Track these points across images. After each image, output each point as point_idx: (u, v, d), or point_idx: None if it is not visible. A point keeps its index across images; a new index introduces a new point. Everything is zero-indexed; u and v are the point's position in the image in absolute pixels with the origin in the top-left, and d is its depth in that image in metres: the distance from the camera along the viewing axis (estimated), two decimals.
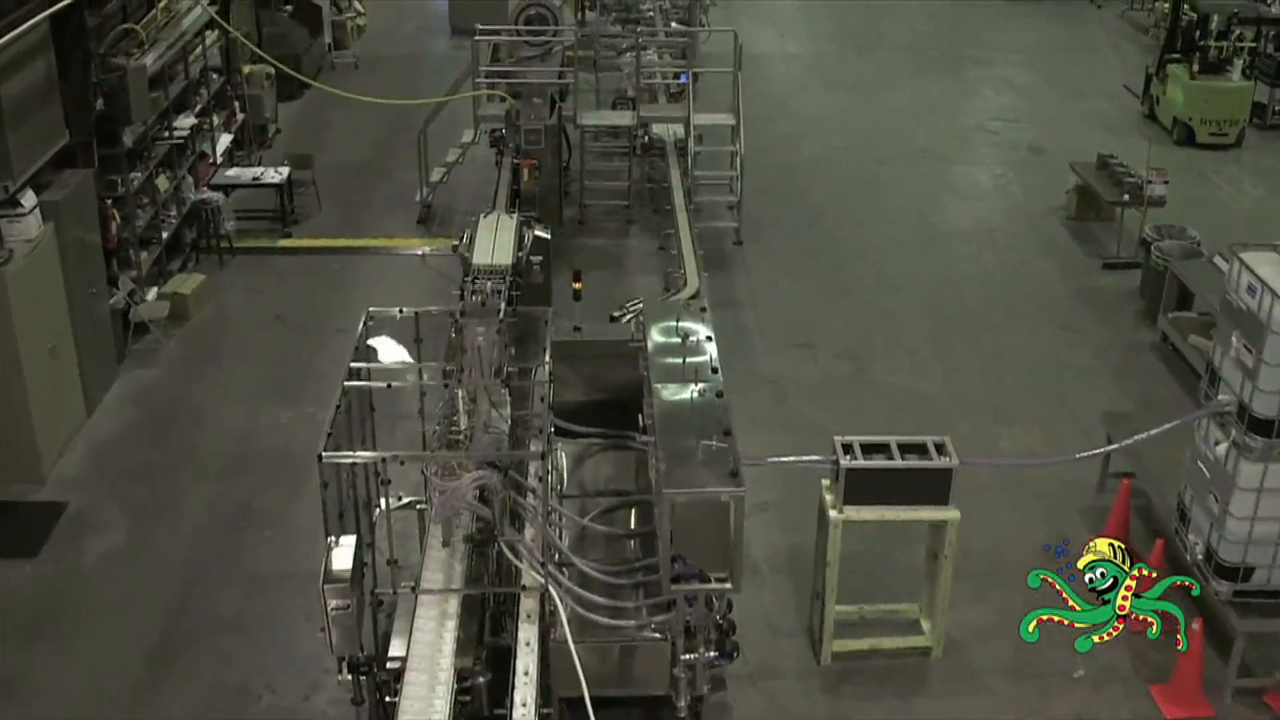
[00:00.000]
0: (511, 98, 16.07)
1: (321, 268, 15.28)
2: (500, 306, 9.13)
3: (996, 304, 14.72)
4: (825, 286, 15.01)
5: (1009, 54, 23.62)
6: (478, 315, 9.05)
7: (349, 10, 22.88)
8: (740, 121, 15.84)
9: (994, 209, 17.14)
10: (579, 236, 16.07)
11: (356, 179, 17.63)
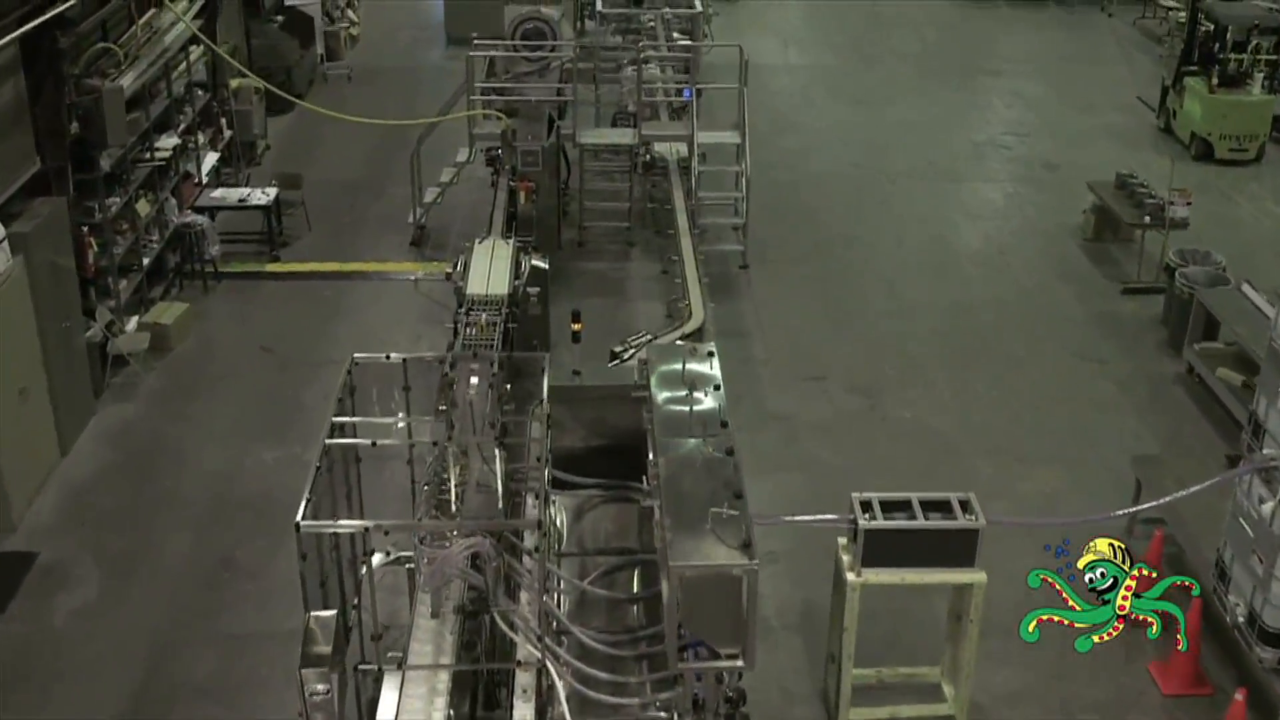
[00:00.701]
0: (508, 116, 15.51)
1: (311, 294, 14.67)
2: (493, 358, 8.52)
3: (1013, 331, 14.12)
4: (835, 313, 14.41)
5: (1019, 64, 23.01)
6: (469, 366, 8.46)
7: (342, 20, 22.28)
8: (746, 140, 15.23)
9: (1008, 229, 16.53)
10: (578, 259, 15.46)
11: (348, 197, 17.02)
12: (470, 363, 8.64)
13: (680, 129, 15.70)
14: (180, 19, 14.10)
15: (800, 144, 18.98)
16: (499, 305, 11.35)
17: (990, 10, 26.27)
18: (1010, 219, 16.85)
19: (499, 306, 11.32)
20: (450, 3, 23.09)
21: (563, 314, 13.51)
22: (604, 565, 8.83)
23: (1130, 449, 11.80)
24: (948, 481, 11.35)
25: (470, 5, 22.65)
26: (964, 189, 17.72)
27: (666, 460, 7.96)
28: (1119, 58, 23.66)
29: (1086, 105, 20.89)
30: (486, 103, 15.30)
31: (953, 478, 11.44)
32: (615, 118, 17.37)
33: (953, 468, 11.73)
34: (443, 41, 23.14)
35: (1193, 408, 12.68)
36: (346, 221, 16.32)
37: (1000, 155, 18.92)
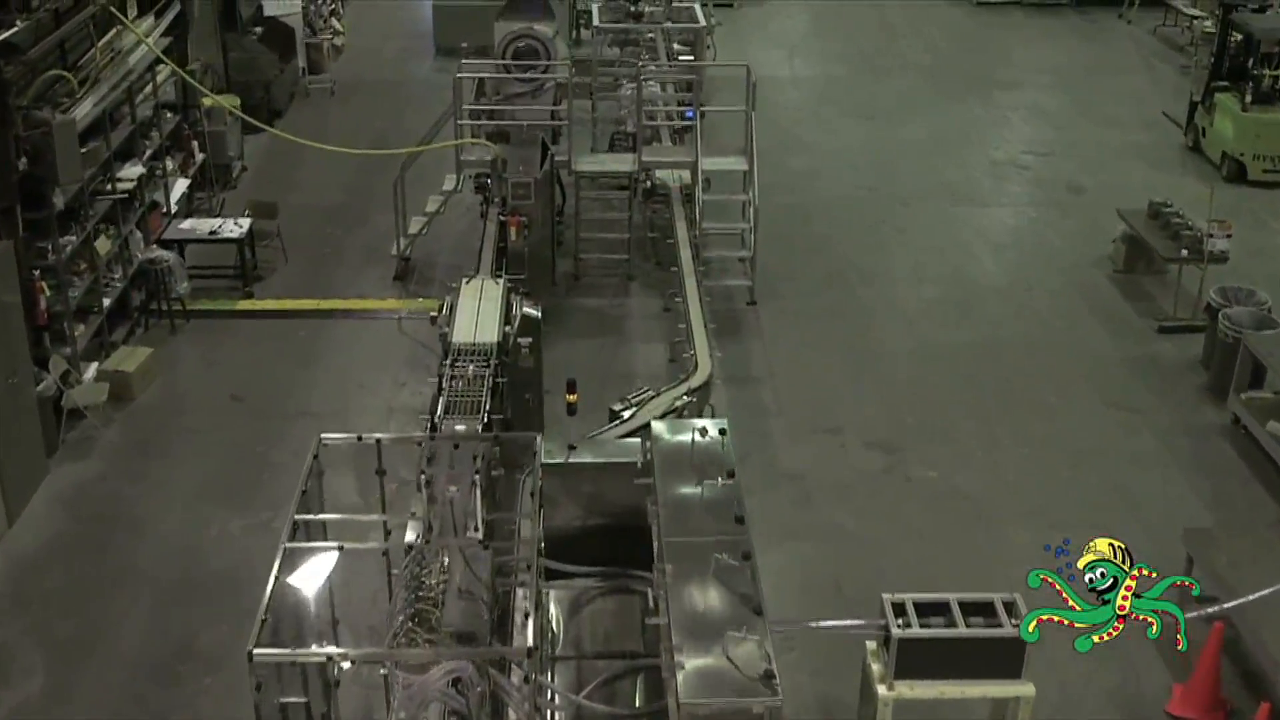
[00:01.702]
0: (500, 138, 14.60)
1: (286, 334, 13.73)
2: (477, 454, 7.59)
3: (1043, 377, 13.19)
4: (851, 355, 13.48)
5: (1036, 76, 22.08)
6: (450, 453, 7.54)
7: (326, 30, 21.31)
8: (754, 167, 14.30)
9: (1033, 260, 15.60)
10: (574, 295, 14.53)
11: (329, 225, 16.07)
12: (452, 445, 7.73)
13: (683, 154, 14.78)
14: (143, 41, 13.14)
15: (809, 165, 18.04)
16: (487, 356, 10.56)
17: (1004, 17, 25.33)
18: (1034, 248, 15.93)
19: (487, 357, 10.53)
20: (440, 12, 22.12)
21: (558, 360, 12.67)
22: (604, 673, 7.94)
23: (1175, 513, 10.92)
24: (979, 552, 10.56)
25: (460, 15, 21.76)
26: (984, 214, 16.79)
27: (675, 568, 7.05)
28: (1140, 68, 22.74)
29: (1109, 120, 19.97)
30: (475, 128, 14.41)
31: (984, 548, 10.62)
32: (613, 139, 16.44)
33: (984, 536, 10.84)
34: (432, 53, 22.17)
35: (1241, 465, 11.77)
36: (326, 253, 15.38)
37: (1021, 176, 18.00)
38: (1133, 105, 20.59)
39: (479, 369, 10.41)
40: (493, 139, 14.78)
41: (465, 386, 10.20)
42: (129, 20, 13.49)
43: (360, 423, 12.10)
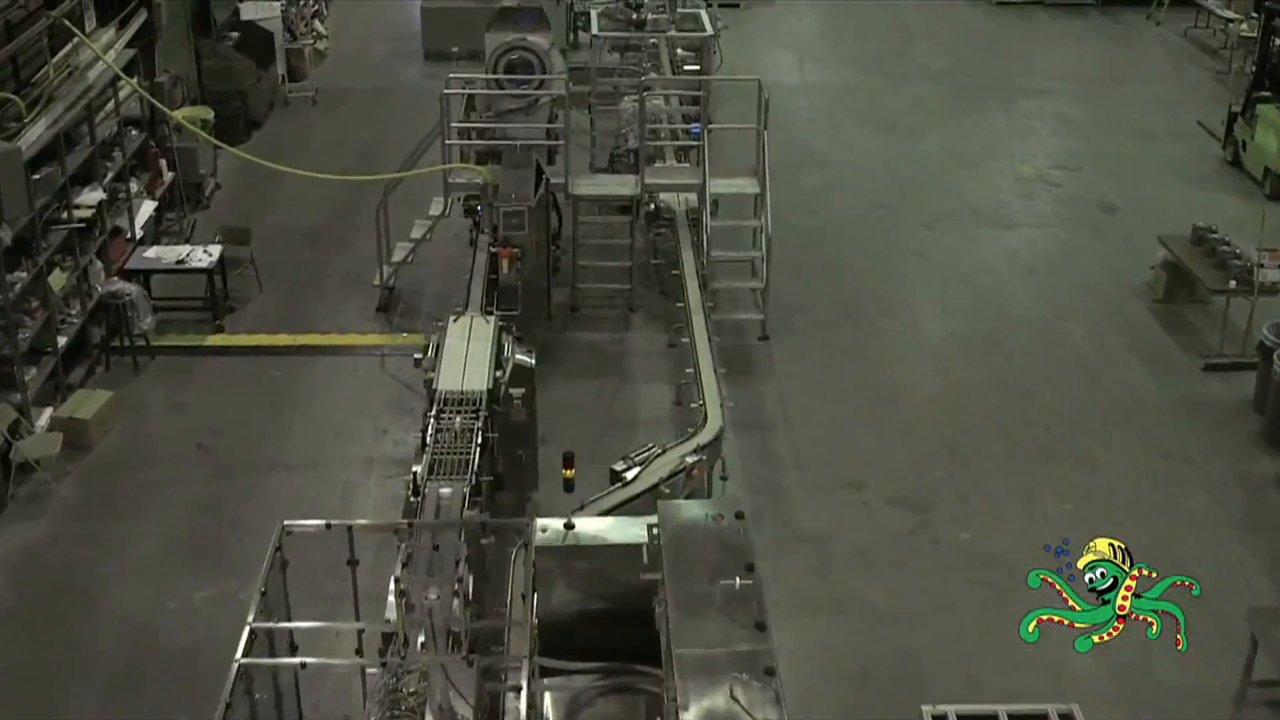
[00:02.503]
0: (491, 157, 13.83)
1: (258, 374, 12.94)
2: (459, 554, 6.82)
3: (1081, 421, 12.42)
4: (872, 398, 12.70)
5: (1062, 82, 21.28)
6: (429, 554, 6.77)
7: (307, 35, 20.52)
8: (767, 190, 13.50)
9: (1067, 288, 14.81)
10: (570, 328, 13.75)
11: (307, 249, 15.28)
12: (430, 540, 6.96)
13: (689, 176, 13.99)
14: (100, 57, 12.35)
15: (823, 181, 17.26)
16: (476, 406, 9.71)
17: (1026, 18, 24.53)
18: (1067, 274, 15.13)
19: (476, 408, 9.63)
20: (428, 15, 21.33)
21: (554, 402, 11.93)
22: None
23: (1232, 583, 10.18)
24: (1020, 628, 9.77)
25: (450, 18, 21.01)
26: (1012, 236, 16.00)
27: (686, 685, 6.27)
28: (1171, 74, 21.95)
29: (1142, 132, 19.18)
30: (464, 148, 13.65)
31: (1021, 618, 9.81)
32: (613, 156, 15.67)
33: (1024, 609, 10.02)
34: (420, 58, 21.37)
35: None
36: (304, 281, 14.58)
37: (1050, 194, 17.20)
38: (1165, 114, 19.81)
39: (467, 421, 9.77)
40: (483, 159, 14.04)
41: (452, 441, 9.59)
42: (88, 32, 12.70)
43: (337, 476, 11.42)
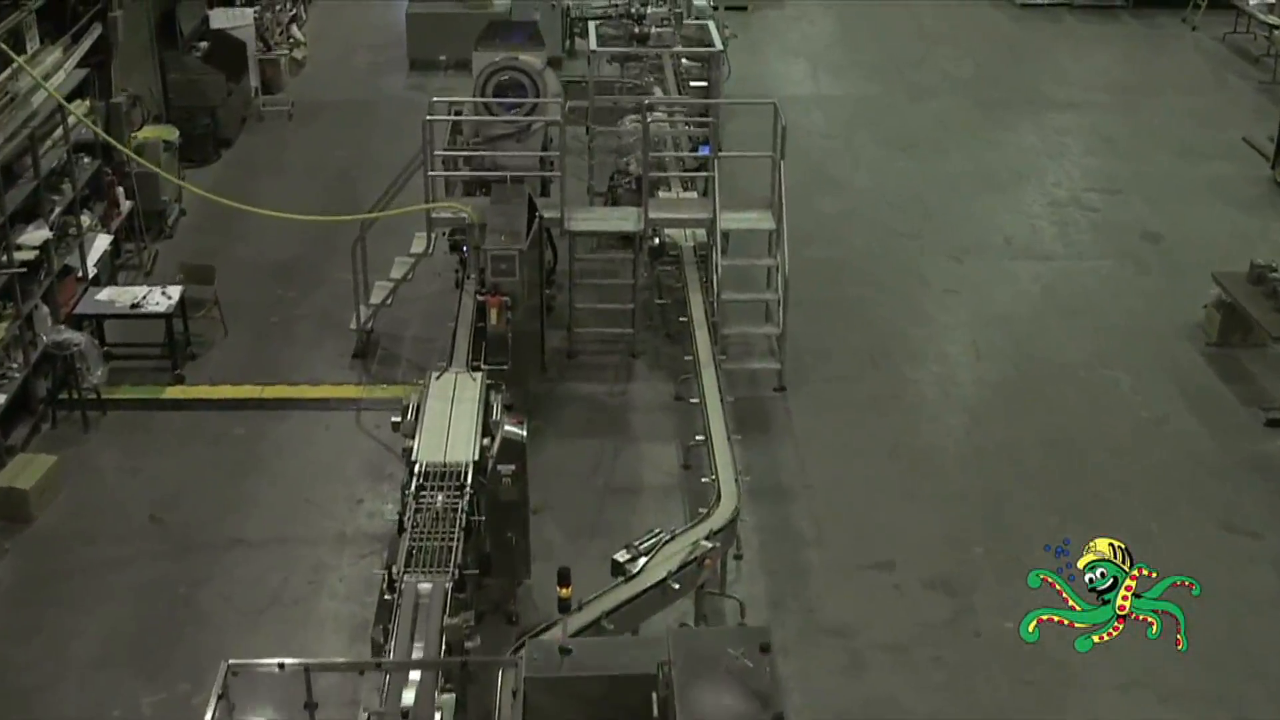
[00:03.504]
0: (479, 188, 12.95)
1: (220, 431, 12.03)
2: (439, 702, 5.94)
3: (1134, 486, 11.51)
4: (902, 460, 11.80)
5: (1094, 93, 20.37)
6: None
7: (283, 44, 19.58)
8: (784, 225, 12.58)
9: (1110, 329, 13.89)
10: (567, 378, 12.83)
11: (278, 285, 14.36)
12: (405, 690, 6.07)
13: (697, 210, 13.06)
14: (40, 84, 11.43)
15: (841, 206, 16.34)
16: (459, 482, 8.94)
17: (1053, 22, 23.61)
18: (1110, 313, 14.22)
19: (460, 483, 8.93)
20: (414, 21, 20.41)
21: (548, 464, 11.08)
22: None
23: None
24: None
25: (437, 24, 20.22)
26: (1048, 270, 15.08)
27: None
28: (1211, 84, 21.03)
29: (1183, 149, 18.28)
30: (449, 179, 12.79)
31: None
32: (613, 180, 14.74)
33: (1078, 713, 9.19)
34: (405, 67, 20.46)
35: None
36: (274, 323, 13.66)
37: (1087, 220, 16.28)
38: (1207, 129, 18.91)
39: (450, 500, 8.86)
40: (471, 190, 13.16)
41: (433, 524, 8.78)
42: (30, 54, 11.79)
43: (305, 556, 10.55)
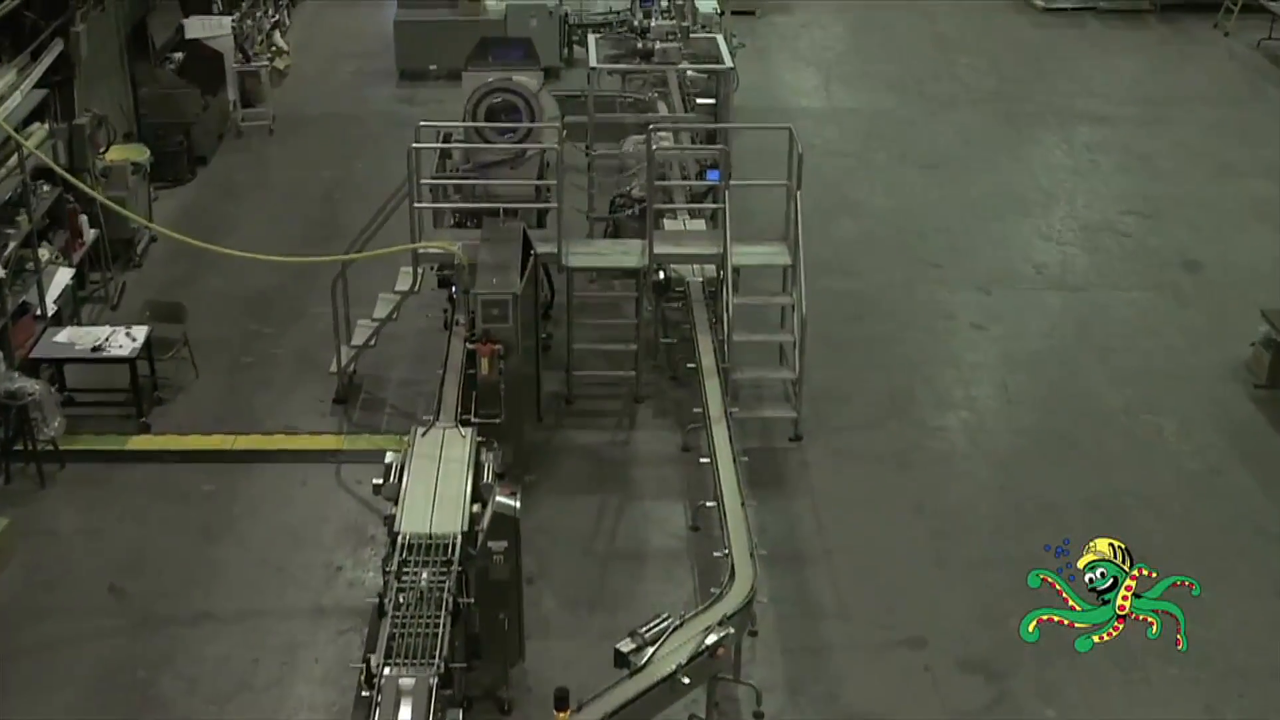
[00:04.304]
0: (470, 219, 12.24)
1: (188, 488, 11.27)
2: None
3: (1182, 552, 10.68)
4: (930, 520, 11.04)
5: (1123, 106, 19.63)
6: None
7: (264, 55, 18.82)
8: (800, 260, 11.83)
9: (1151, 369, 13.15)
10: (564, 425, 12.10)
11: (255, 319, 13.62)
12: None
13: (706, 244, 12.31)
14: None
15: (858, 231, 15.60)
16: (446, 558, 8.34)
17: (1077, 27, 22.86)
18: (1150, 351, 13.47)
19: (447, 559, 8.33)
20: (403, 29, 19.67)
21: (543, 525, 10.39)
22: None
23: None
24: None
25: (427, 32, 19.53)
26: (1082, 302, 14.33)
27: None
28: (1247, 95, 20.30)
29: (1220, 167, 17.55)
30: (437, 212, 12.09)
31: None
32: (614, 204, 14.02)
33: None
34: (393, 77, 19.72)
35: None
36: (248, 363, 12.92)
37: (1121, 247, 15.54)
38: (1245, 145, 18.19)
39: (436, 578, 8.17)
40: (461, 220, 12.43)
41: (416, 605, 7.98)
42: None
43: (278, 632, 9.84)
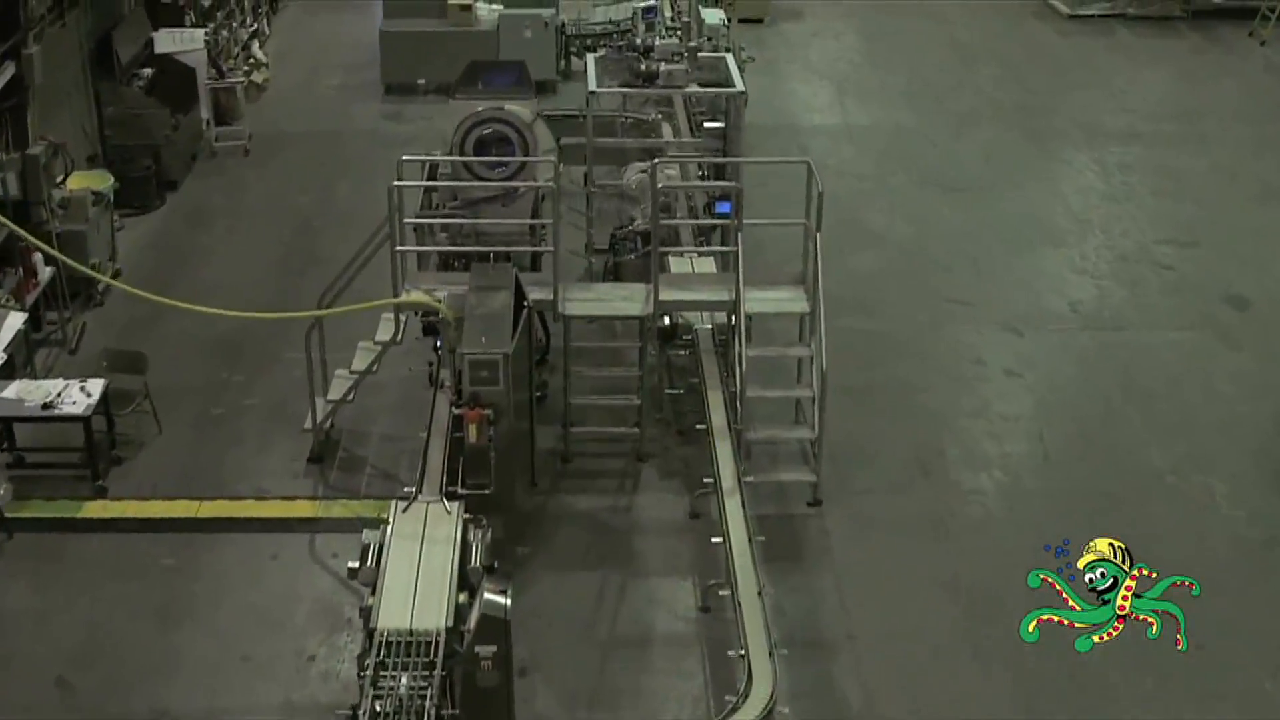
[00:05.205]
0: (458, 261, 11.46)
1: (147, 561, 10.45)
2: None
3: (1243, 637, 9.95)
4: (963, 599, 10.22)
5: (1157, 122, 18.84)
6: None
7: (239, 69, 18.01)
8: (820, 307, 10.99)
9: (1198, 421, 12.34)
10: (561, 488, 11.29)
11: (225, 364, 12.80)
12: None
13: (716, 289, 11.46)
14: None
15: (878, 264, 14.78)
16: (428, 659, 7.76)
17: (1104, 35, 22.08)
18: (1197, 401, 12.66)
19: (430, 658, 7.76)
20: (389, 40, 18.85)
21: (535, 606, 9.60)
22: None
23: None
24: None
25: (414, 44, 18.73)
26: (1122, 344, 13.52)
27: None
28: None
29: (1264, 190, 16.78)
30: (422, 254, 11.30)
31: None
32: (615, 236, 13.26)
33: None
34: (378, 92, 18.91)
35: None
36: (216, 416, 12.11)
37: (1161, 280, 14.73)
38: None
39: (417, 683, 7.57)
40: (448, 263, 11.63)
41: (396, 714, 7.40)
42: None
43: None
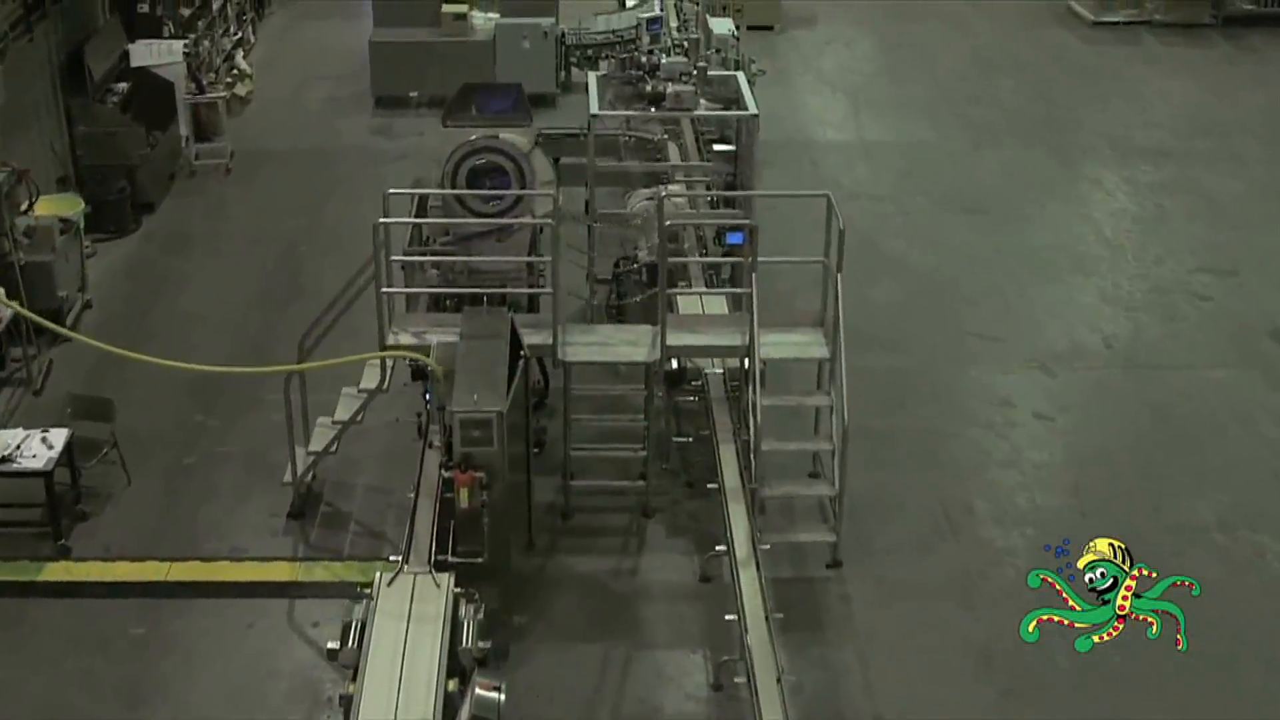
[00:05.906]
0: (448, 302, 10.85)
1: (113, 631, 9.79)
2: None
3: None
4: (998, 675, 9.52)
5: (1188, 138, 18.20)
6: None
7: (221, 81, 17.37)
8: (841, 353, 10.33)
9: (1245, 474, 11.66)
10: (560, 549, 10.64)
11: (199, 406, 12.15)
12: None
13: (728, 333, 10.78)
14: None
15: (898, 294, 14.12)
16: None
17: (1131, 44, 21.47)
18: (1243, 448, 11.99)
19: None
20: (379, 51, 18.22)
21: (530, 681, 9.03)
22: None
23: None
24: None
25: (406, 55, 18.11)
26: (1159, 384, 12.85)
27: None
28: None
29: None
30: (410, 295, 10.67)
31: None
32: (618, 267, 12.64)
33: None
34: (369, 104, 18.28)
35: None
36: (189, 466, 11.46)
37: (1198, 313, 14.07)
38: None
39: None
40: (439, 302, 10.99)
41: None
42: None
43: None
